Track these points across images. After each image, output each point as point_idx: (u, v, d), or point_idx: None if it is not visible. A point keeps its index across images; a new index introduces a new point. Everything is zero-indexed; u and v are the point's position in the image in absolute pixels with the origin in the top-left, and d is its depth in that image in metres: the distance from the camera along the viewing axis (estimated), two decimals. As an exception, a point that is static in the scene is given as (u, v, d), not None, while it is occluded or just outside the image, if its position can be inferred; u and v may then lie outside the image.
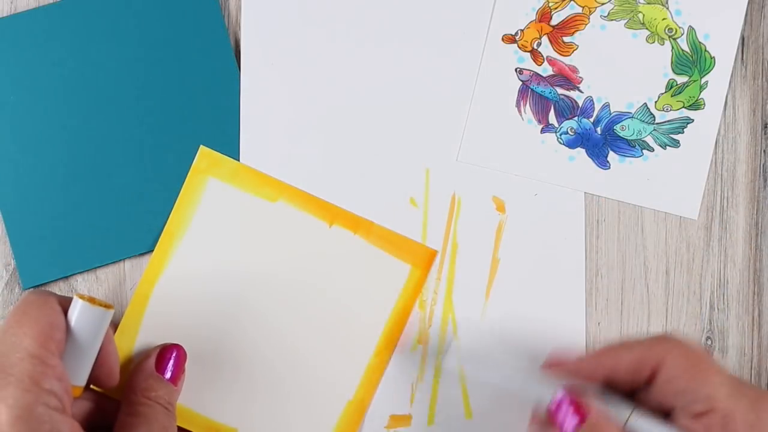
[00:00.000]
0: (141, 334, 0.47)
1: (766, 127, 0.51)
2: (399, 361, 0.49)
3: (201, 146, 0.48)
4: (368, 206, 0.50)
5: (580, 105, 0.50)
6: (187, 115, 0.49)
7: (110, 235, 0.49)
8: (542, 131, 0.50)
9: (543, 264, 0.50)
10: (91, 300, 0.40)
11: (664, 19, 0.50)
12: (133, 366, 0.46)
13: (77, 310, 0.40)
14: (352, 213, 0.49)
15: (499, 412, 0.49)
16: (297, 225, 0.49)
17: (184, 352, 0.46)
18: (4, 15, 0.49)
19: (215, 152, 0.49)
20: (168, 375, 0.45)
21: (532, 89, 0.50)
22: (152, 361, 0.45)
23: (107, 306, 0.40)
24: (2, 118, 0.49)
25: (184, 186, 0.48)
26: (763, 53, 0.51)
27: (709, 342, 0.50)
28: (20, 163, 0.49)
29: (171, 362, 0.46)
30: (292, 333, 0.48)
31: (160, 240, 0.48)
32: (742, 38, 0.50)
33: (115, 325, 0.47)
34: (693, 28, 0.50)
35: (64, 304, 0.40)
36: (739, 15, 0.50)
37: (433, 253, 0.49)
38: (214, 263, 0.48)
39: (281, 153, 0.50)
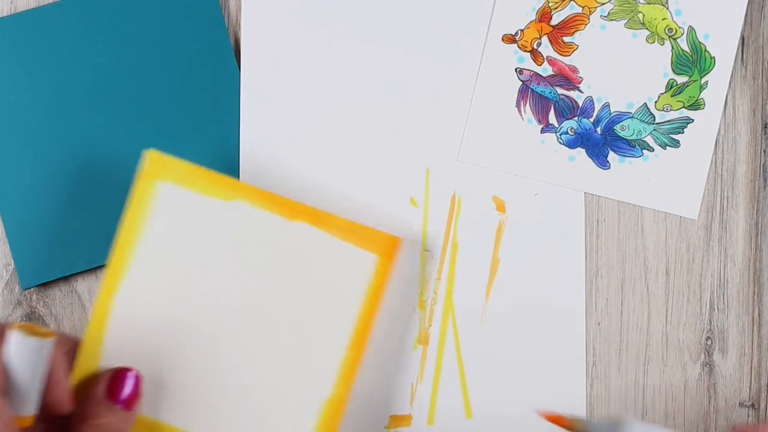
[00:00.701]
0: (105, 352, 0.45)
1: (766, 127, 0.51)
2: (399, 361, 0.49)
3: (148, 150, 0.46)
4: (368, 206, 0.50)
5: (580, 105, 0.50)
6: (187, 115, 0.49)
7: (110, 235, 0.49)
8: (542, 131, 0.50)
9: (543, 264, 0.50)
10: (31, 329, 0.38)
11: (664, 19, 0.50)
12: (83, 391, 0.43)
13: (12, 343, 0.38)
14: (311, 207, 0.47)
15: (499, 412, 0.49)
16: (256, 223, 0.47)
17: (139, 375, 0.44)
18: (4, 15, 0.49)
19: (163, 155, 0.46)
20: (120, 401, 0.43)
21: (532, 89, 0.50)
22: (102, 386, 0.43)
23: (46, 334, 0.38)
24: (2, 118, 0.49)
25: (132, 193, 0.46)
26: (763, 53, 0.51)
27: (709, 342, 0.50)
28: (20, 163, 0.49)
29: (125, 387, 0.43)
30: (261, 335, 0.47)
31: (112, 254, 0.46)
32: (742, 38, 0.50)
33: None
34: (693, 28, 0.50)
35: (6, 334, 0.38)
36: (739, 15, 0.50)
37: (396, 241, 0.47)
38: (173, 271, 0.46)
39: (281, 153, 0.50)
